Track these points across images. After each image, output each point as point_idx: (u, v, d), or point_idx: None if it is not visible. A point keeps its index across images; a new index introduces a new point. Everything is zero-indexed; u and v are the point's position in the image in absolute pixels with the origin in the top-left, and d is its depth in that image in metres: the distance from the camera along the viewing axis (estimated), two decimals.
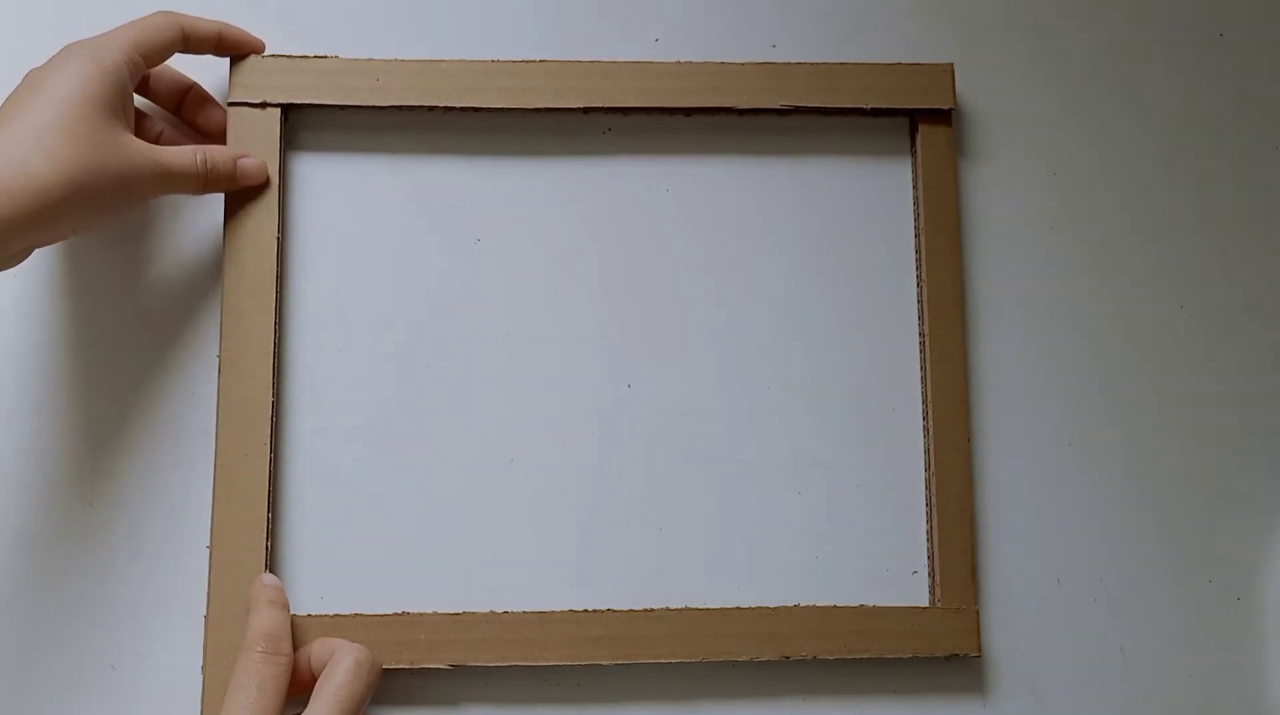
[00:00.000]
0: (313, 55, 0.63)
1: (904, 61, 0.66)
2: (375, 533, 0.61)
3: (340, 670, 0.53)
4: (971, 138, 0.67)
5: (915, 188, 0.66)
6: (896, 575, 0.63)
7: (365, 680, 0.54)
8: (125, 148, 0.54)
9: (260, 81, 0.63)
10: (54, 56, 0.56)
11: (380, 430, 0.63)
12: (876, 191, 0.66)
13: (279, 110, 0.62)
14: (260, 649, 0.54)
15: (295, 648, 0.56)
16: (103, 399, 0.62)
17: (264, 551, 0.58)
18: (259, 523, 0.59)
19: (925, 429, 0.63)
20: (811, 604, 0.61)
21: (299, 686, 0.56)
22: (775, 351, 0.65)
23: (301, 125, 0.65)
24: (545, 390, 0.63)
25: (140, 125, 0.60)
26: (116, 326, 0.62)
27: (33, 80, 0.54)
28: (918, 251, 0.65)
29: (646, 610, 0.60)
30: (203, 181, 0.58)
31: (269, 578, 0.57)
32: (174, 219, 0.64)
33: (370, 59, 0.63)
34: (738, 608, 0.60)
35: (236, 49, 0.62)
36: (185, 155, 0.57)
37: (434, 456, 0.63)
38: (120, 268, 0.63)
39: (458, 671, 0.59)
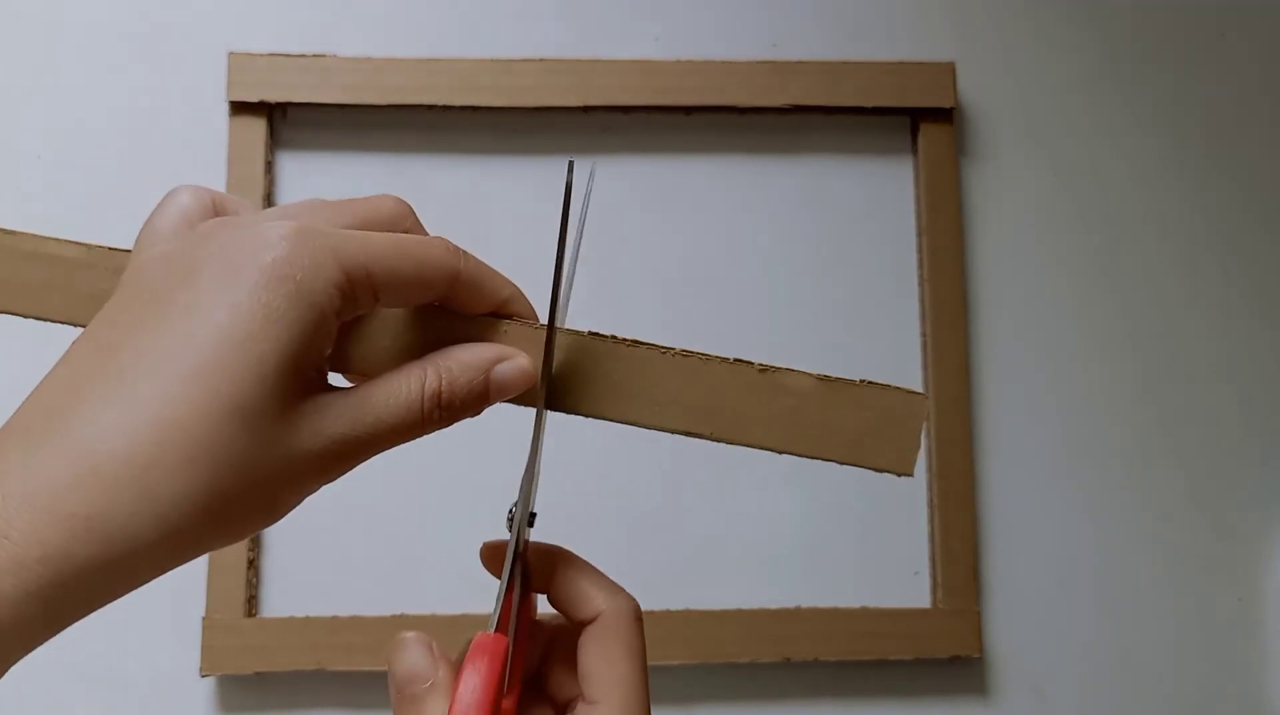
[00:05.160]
0: (311, 54, 0.63)
1: (905, 60, 0.66)
2: (373, 533, 0.61)
3: (604, 635, 0.33)
4: (972, 136, 0.67)
5: (916, 186, 0.66)
6: (897, 577, 0.63)
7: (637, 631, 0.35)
8: (303, 437, 0.31)
9: (259, 80, 0.62)
10: (226, 262, 0.29)
11: None
12: (878, 190, 0.66)
13: (280, 110, 0.62)
14: (394, 706, 0.33)
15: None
16: None
17: (262, 552, 0.58)
18: None
19: (925, 429, 0.63)
20: (813, 606, 0.61)
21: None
22: (775, 350, 0.64)
23: (300, 123, 0.64)
24: None
25: None
26: None
27: (185, 302, 0.29)
28: (919, 251, 0.65)
29: (646, 611, 0.60)
30: (424, 428, 0.33)
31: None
32: None
33: (368, 57, 0.63)
34: (739, 609, 0.60)
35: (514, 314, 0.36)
36: (398, 396, 0.33)
37: (433, 457, 0.62)
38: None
39: None
